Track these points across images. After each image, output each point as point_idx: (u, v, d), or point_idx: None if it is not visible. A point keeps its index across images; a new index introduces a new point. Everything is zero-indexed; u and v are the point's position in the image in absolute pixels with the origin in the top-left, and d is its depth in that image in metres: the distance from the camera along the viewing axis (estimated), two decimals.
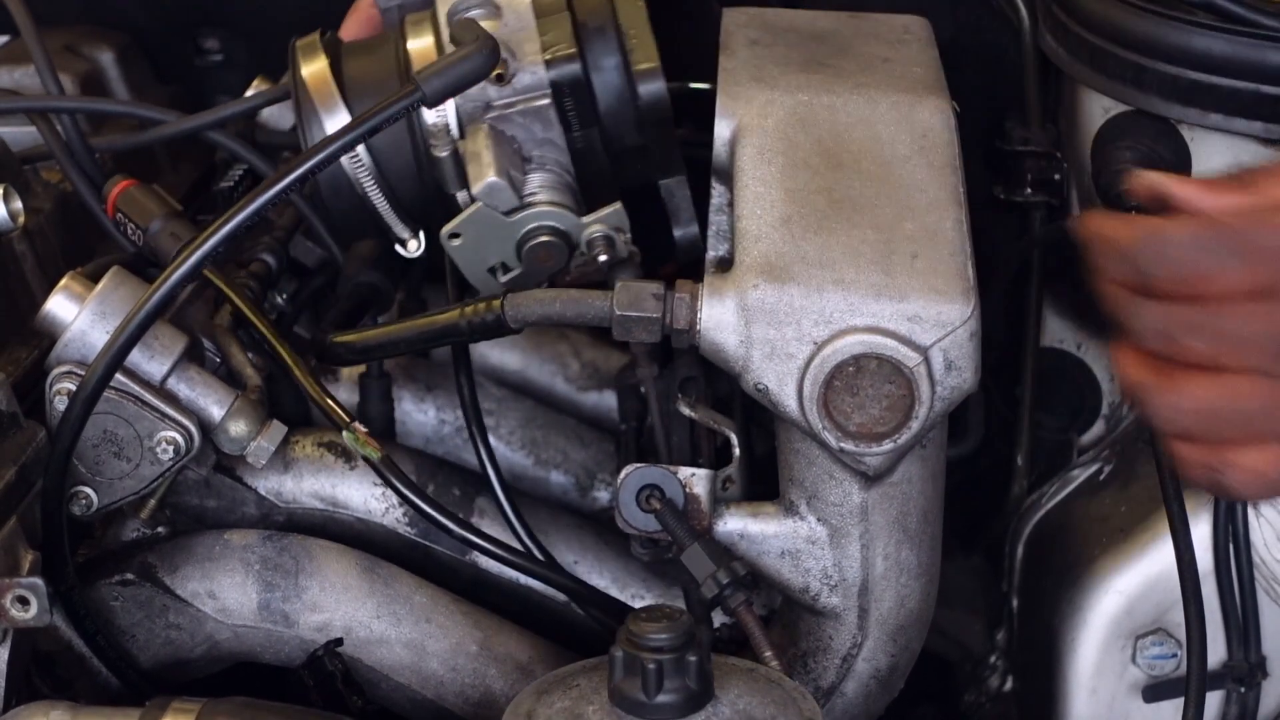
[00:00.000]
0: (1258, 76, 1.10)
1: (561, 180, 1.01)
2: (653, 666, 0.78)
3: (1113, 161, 1.19)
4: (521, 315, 0.95)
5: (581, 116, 0.98)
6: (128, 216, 1.09)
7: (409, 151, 1.03)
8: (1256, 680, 1.19)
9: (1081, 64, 1.21)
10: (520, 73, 0.97)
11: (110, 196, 1.10)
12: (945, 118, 1.02)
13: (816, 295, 0.90)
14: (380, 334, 1.01)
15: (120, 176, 1.12)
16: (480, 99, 0.98)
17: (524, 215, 0.99)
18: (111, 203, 1.10)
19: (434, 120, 1.00)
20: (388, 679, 1.02)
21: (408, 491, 1.00)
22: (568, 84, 0.97)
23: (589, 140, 1.00)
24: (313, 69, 1.06)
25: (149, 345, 0.97)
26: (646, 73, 0.97)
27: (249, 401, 1.00)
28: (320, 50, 1.08)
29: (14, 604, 0.86)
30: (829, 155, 0.98)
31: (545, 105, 0.98)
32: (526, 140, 0.99)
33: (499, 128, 0.98)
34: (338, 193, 1.04)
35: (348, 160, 1.03)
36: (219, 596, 1.01)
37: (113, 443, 0.96)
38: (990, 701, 1.41)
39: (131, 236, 1.10)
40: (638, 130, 1.00)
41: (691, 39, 1.25)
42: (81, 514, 0.97)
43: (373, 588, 1.02)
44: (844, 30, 1.13)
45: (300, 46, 1.08)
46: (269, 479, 1.11)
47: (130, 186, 1.10)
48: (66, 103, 1.18)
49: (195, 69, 1.55)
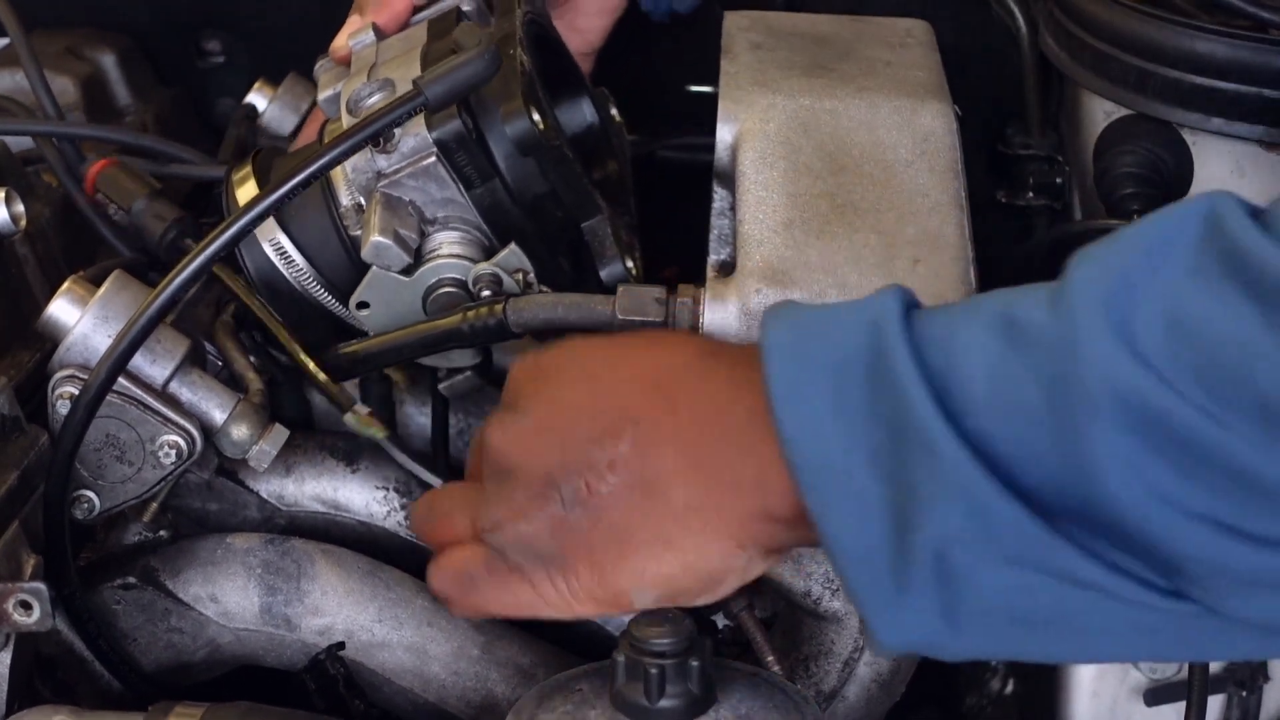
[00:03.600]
0: (1260, 81, 1.10)
1: (467, 236, 1.01)
2: (655, 671, 0.78)
3: (1115, 166, 1.19)
4: (524, 320, 0.95)
5: (480, 171, 0.99)
6: (109, 196, 1.09)
7: (336, 241, 1.03)
8: (1258, 684, 1.19)
9: (1083, 68, 1.21)
10: (405, 138, 0.97)
11: (89, 175, 1.10)
12: (947, 122, 1.02)
13: (819, 300, 0.90)
14: (382, 341, 1.01)
15: (96, 155, 1.12)
16: (370, 169, 0.99)
17: (422, 271, 1.00)
18: (91, 181, 1.10)
19: (346, 203, 1.01)
20: (390, 683, 1.02)
21: (418, 468, 1.02)
22: (453, 140, 0.97)
23: (493, 194, 1.00)
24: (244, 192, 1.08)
25: (151, 349, 0.97)
26: (509, 114, 0.98)
27: (251, 405, 1.00)
28: (251, 175, 1.09)
29: (16, 608, 0.86)
30: (831, 159, 0.98)
31: (433, 164, 0.98)
32: (426, 203, 1.00)
33: (392, 194, 0.99)
34: (277, 295, 1.05)
35: (281, 263, 1.04)
36: (221, 600, 1.01)
37: (115, 446, 0.96)
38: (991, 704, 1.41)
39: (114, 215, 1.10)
40: (543, 176, 1.00)
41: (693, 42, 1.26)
42: (83, 518, 0.97)
43: (375, 591, 1.02)
44: (846, 34, 1.13)
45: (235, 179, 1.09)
46: (271, 482, 1.11)
47: (109, 165, 1.10)
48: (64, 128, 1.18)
49: (197, 71, 1.55)
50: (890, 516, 0.72)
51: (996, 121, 1.38)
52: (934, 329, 0.72)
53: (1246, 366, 0.63)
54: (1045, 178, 1.35)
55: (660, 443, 0.81)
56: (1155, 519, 0.66)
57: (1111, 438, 0.66)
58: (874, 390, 0.72)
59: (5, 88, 1.31)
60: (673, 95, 1.47)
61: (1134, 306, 0.66)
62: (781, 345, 0.76)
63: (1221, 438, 0.64)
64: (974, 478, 0.69)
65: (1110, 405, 0.65)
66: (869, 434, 0.72)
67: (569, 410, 0.84)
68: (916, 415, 0.70)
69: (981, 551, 0.70)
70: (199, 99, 1.55)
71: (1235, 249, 0.65)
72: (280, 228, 1.04)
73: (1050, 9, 1.26)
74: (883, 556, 0.72)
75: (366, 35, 1.12)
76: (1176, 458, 0.65)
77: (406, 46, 1.08)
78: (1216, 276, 0.65)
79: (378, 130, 0.93)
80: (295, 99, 1.37)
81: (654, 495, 0.81)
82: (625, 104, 1.22)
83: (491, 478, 0.87)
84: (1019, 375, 0.68)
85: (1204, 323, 0.64)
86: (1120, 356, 0.65)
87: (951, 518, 0.70)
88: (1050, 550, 0.69)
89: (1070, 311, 0.67)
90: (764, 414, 0.76)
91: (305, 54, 1.22)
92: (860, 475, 0.72)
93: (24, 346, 1.01)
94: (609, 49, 1.30)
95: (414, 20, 1.15)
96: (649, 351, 0.85)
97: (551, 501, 0.82)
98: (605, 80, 1.25)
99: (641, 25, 1.32)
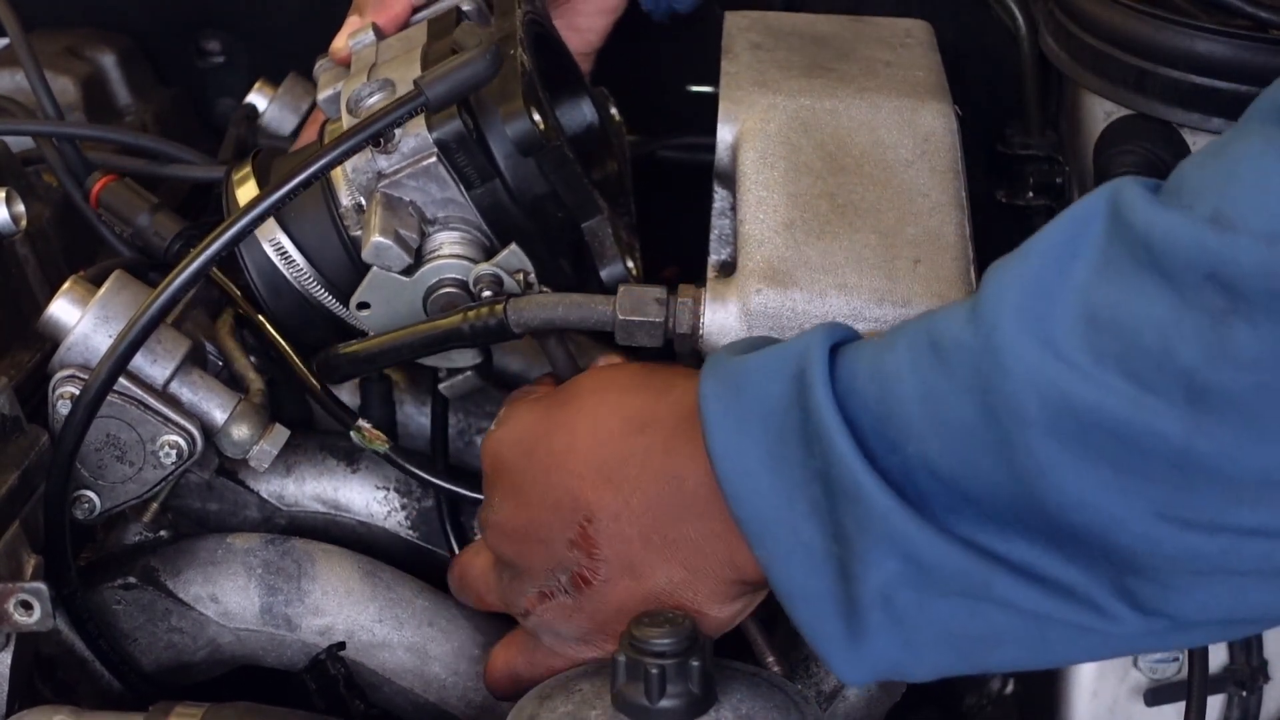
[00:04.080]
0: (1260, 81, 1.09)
1: (468, 236, 1.01)
2: (655, 671, 0.78)
3: (1115, 166, 1.19)
4: (524, 320, 0.95)
5: (480, 171, 0.99)
6: (113, 213, 1.10)
7: (336, 242, 1.03)
8: (1258, 684, 1.19)
9: (1083, 68, 1.21)
10: (405, 138, 0.97)
11: (93, 192, 1.11)
12: (947, 122, 1.02)
13: (819, 300, 0.90)
14: (382, 341, 1.01)
15: (100, 172, 1.12)
16: (370, 170, 0.99)
17: (423, 272, 0.99)
18: (95, 197, 1.10)
19: (346, 203, 1.01)
20: (390, 683, 1.02)
21: (424, 474, 1.04)
22: (453, 141, 0.97)
23: (494, 194, 1.00)
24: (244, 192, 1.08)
25: (152, 349, 0.97)
26: (509, 115, 0.98)
27: (251, 405, 1.00)
28: (251, 175, 1.08)
29: (17, 608, 0.86)
30: (831, 159, 0.98)
31: (433, 164, 0.98)
32: (426, 203, 1.00)
33: (392, 194, 0.99)
34: (279, 295, 1.04)
35: (282, 263, 1.04)
36: (221, 600, 1.01)
37: (115, 447, 0.96)
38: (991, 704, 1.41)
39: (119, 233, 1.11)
40: (543, 177, 1.00)
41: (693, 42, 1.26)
42: (84, 518, 0.97)
43: (375, 591, 1.02)
44: (846, 34, 1.13)
45: (235, 179, 1.09)
46: (271, 482, 1.11)
47: (112, 182, 1.10)
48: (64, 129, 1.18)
49: (197, 71, 1.55)
50: (834, 567, 0.74)
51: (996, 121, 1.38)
52: (861, 362, 0.73)
53: (1167, 347, 0.63)
54: (1045, 178, 1.34)
55: (624, 535, 0.85)
56: (1099, 518, 0.67)
57: (1046, 444, 0.66)
58: (805, 442, 0.74)
59: (5, 88, 1.31)
60: (673, 95, 1.47)
61: (1050, 310, 0.66)
62: (716, 398, 0.78)
63: (1151, 423, 0.64)
64: (903, 526, 0.71)
65: (1039, 411, 0.66)
66: (806, 485, 0.74)
67: (534, 509, 0.89)
68: (844, 467, 0.71)
69: (924, 589, 0.72)
70: (199, 99, 1.55)
71: (1140, 236, 0.65)
72: (280, 228, 1.04)
73: (1050, 9, 1.26)
74: (832, 605, 0.74)
75: (366, 35, 1.12)
76: (1111, 453, 0.65)
77: (406, 47, 1.08)
78: (1128, 266, 0.65)
79: (378, 130, 0.93)
80: (295, 99, 1.37)
81: (641, 577, 0.85)
82: (625, 104, 1.22)
83: (500, 563, 0.93)
84: (949, 394, 0.69)
85: (1120, 313, 0.65)
86: (1042, 360, 0.66)
87: (888, 564, 0.71)
88: (988, 583, 0.71)
89: (987, 324, 0.68)
90: (709, 486, 0.79)
91: (305, 54, 1.22)
92: (804, 527, 0.74)
93: (24, 346, 1.02)
94: (609, 49, 1.30)
95: (414, 20, 1.15)
96: (588, 427, 0.88)
97: (557, 593, 0.88)
98: (605, 80, 1.25)
99: (641, 25, 1.31)
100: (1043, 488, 0.67)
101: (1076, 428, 0.65)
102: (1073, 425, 0.65)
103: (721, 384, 0.78)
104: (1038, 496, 0.67)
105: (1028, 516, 0.69)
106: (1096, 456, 0.66)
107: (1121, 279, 0.65)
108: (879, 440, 0.72)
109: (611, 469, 0.85)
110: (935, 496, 0.71)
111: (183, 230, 1.09)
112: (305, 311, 1.05)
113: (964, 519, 0.71)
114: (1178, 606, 0.68)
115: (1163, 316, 0.63)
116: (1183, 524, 0.66)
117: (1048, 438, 0.66)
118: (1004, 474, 0.68)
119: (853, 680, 0.76)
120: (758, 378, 0.76)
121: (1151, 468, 0.65)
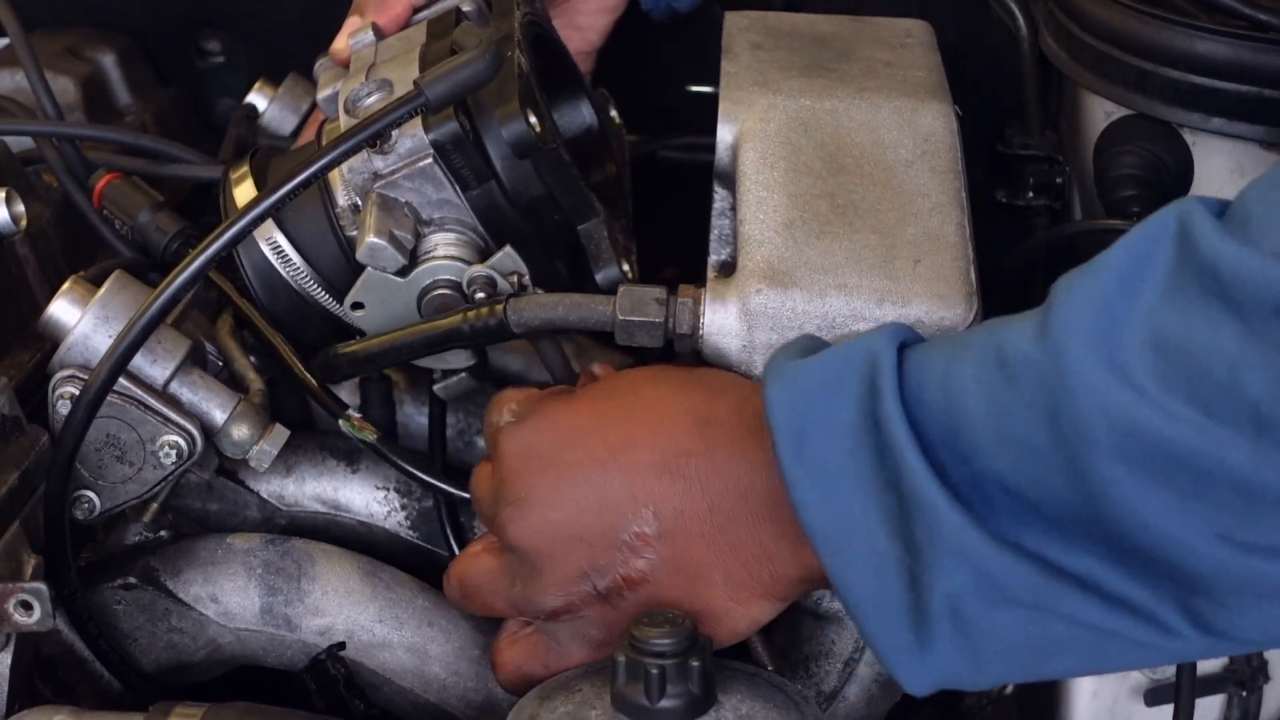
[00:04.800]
0: (1260, 80, 1.10)
1: (463, 237, 1.01)
2: (655, 671, 0.78)
3: (1115, 166, 1.19)
4: (524, 320, 0.95)
5: (476, 173, 0.99)
6: (114, 211, 1.10)
7: (333, 241, 1.03)
8: (1258, 684, 1.19)
9: (1083, 68, 1.21)
10: (401, 138, 0.97)
11: (96, 189, 1.11)
12: (948, 122, 1.02)
13: (819, 300, 0.90)
14: (382, 342, 1.01)
15: (104, 169, 1.12)
16: (366, 170, 0.99)
17: (417, 273, 0.99)
18: (98, 196, 1.11)
19: (342, 203, 1.01)
20: (390, 683, 1.02)
21: (411, 468, 1.02)
22: (449, 142, 0.97)
23: (490, 196, 1.00)
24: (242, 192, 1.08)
25: (152, 349, 0.97)
26: (505, 117, 0.98)
27: (251, 405, 1.00)
28: (249, 175, 1.09)
29: (17, 608, 0.86)
30: (831, 160, 0.98)
31: (429, 165, 0.98)
32: (422, 204, 1.00)
33: (388, 195, 0.99)
34: (275, 294, 1.05)
35: (279, 263, 1.04)
36: (221, 600, 1.01)
37: (115, 447, 0.96)
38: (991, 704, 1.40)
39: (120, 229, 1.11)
40: (540, 179, 1.00)
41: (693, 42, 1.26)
42: (84, 518, 0.97)
43: (375, 592, 1.02)
44: (846, 34, 1.13)
45: (232, 179, 1.09)
46: (271, 482, 1.11)
47: (116, 179, 1.11)
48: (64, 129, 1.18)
49: (197, 71, 1.55)
50: (904, 576, 0.74)
51: (996, 121, 1.38)
52: (929, 372, 0.74)
53: (1235, 379, 0.64)
54: (1045, 178, 1.34)
55: (686, 533, 0.84)
56: (1166, 541, 0.68)
57: (1113, 467, 0.67)
58: (878, 452, 0.74)
59: (5, 88, 1.31)
60: (673, 95, 1.47)
61: (1118, 334, 0.67)
62: (784, 407, 0.77)
63: (1218, 453, 0.65)
64: (973, 540, 0.72)
65: (1108, 436, 0.67)
66: (880, 495, 0.74)
67: (584, 505, 0.85)
68: (915, 480, 0.72)
69: (992, 601, 0.73)
70: (199, 99, 1.55)
71: (1208, 264, 0.65)
72: (278, 227, 1.04)
73: (1050, 9, 1.26)
74: (901, 614, 0.75)
75: (366, 35, 1.12)
76: (1177, 479, 0.66)
77: (405, 47, 1.08)
78: (1195, 295, 0.66)
79: (379, 130, 0.93)
80: (295, 99, 1.37)
81: (695, 579, 0.84)
82: (625, 104, 1.22)
83: (517, 564, 0.88)
84: (1018, 413, 0.70)
85: (1189, 342, 0.65)
86: (1111, 386, 0.67)
87: (958, 576, 0.72)
88: (1055, 596, 0.72)
89: (1056, 344, 0.69)
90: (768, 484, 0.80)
91: (305, 54, 1.22)
92: (876, 536, 0.75)
93: (24, 346, 1.01)
94: (609, 49, 1.30)
95: (414, 20, 1.15)
96: (648, 419, 0.86)
97: (590, 595, 0.85)
98: (605, 80, 1.25)
99: (641, 25, 1.31)
100: (1109, 508, 0.68)
101: (1143, 452, 0.66)
102: (1139, 450, 0.66)
103: (788, 392, 0.78)
104: (1104, 516, 0.69)
105: (1095, 533, 0.70)
106: (1163, 481, 0.67)
107: (1189, 306, 0.66)
108: (949, 453, 0.73)
109: (675, 463, 0.84)
110: (1004, 509, 0.72)
111: (182, 229, 1.09)
112: (302, 310, 1.05)
113: (1032, 532, 0.72)
114: (1240, 628, 0.70)
115: (1231, 348, 0.64)
116: (1247, 548, 0.67)
117: (1115, 461, 0.67)
118: (1071, 492, 0.69)
119: (917, 690, 0.76)
120: (826, 387, 0.76)
121: (1217, 493, 0.66)
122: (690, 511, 0.83)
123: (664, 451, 0.84)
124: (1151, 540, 0.68)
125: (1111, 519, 0.68)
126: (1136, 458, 0.67)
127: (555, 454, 0.86)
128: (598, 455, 0.85)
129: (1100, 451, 0.67)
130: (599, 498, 0.84)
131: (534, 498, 0.86)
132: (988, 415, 0.71)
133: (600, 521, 0.84)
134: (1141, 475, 0.67)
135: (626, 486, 0.84)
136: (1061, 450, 0.68)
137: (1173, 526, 0.67)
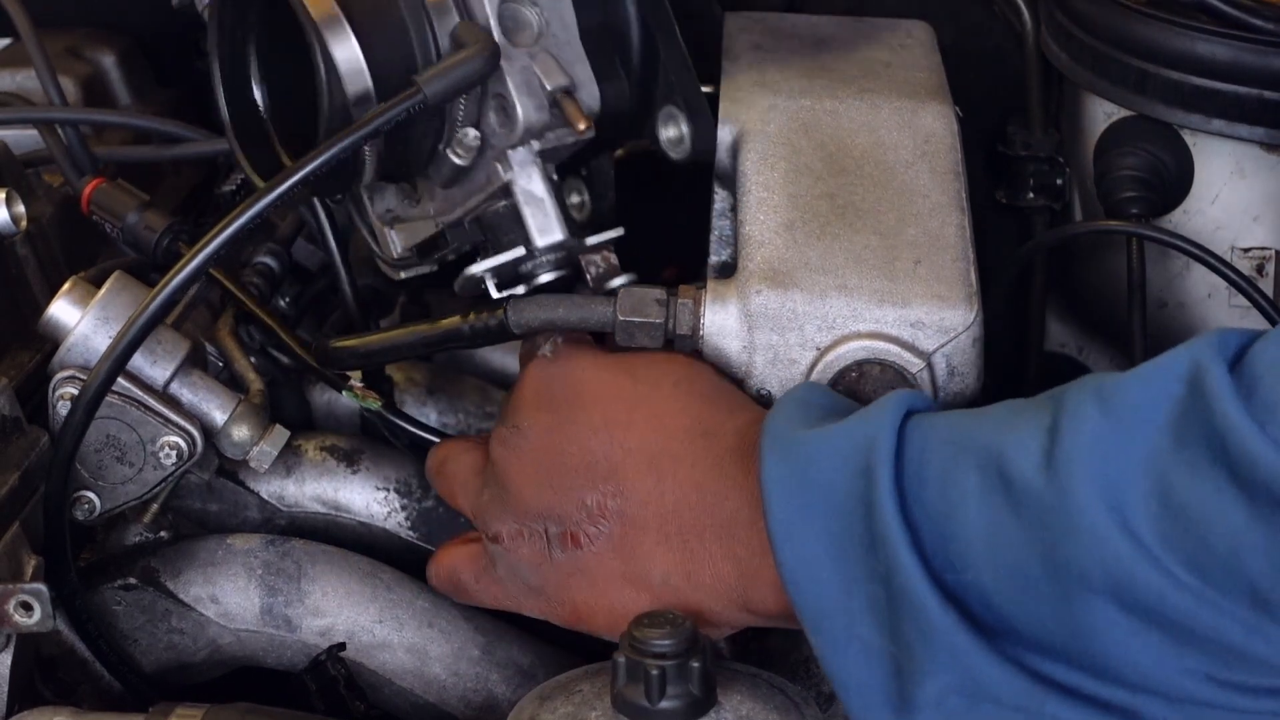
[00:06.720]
0: (1261, 82, 1.10)
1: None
2: (655, 672, 0.78)
3: (1115, 167, 1.19)
4: (524, 320, 0.95)
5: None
6: (103, 215, 1.10)
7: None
8: None
9: (1084, 69, 1.21)
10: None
11: (84, 196, 1.11)
12: (948, 122, 1.02)
13: (819, 301, 0.90)
14: (382, 339, 1.01)
15: (90, 175, 1.12)
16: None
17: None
18: (86, 201, 1.11)
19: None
20: (390, 683, 1.02)
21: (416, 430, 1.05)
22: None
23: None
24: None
25: (151, 350, 0.97)
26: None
27: (251, 406, 1.00)
28: None
29: (17, 609, 0.86)
30: (832, 160, 0.98)
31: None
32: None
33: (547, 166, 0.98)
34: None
35: None
36: (221, 601, 1.01)
37: (115, 447, 0.96)
38: None
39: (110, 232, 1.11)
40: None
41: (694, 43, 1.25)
42: (84, 519, 0.97)
43: (375, 592, 1.02)
44: (846, 35, 1.13)
45: None
46: (271, 483, 1.11)
47: (102, 184, 1.11)
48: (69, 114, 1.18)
49: (197, 71, 1.55)
50: (889, 664, 0.75)
51: (997, 122, 1.38)
52: (931, 468, 0.74)
53: (1236, 556, 0.65)
54: (1045, 178, 1.34)
55: (644, 523, 0.86)
56: (1151, 676, 0.69)
57: (1105, 609, 0.69)
58: (869, 541, 0.75)
59: (6, 88, 1.31)
60: None
61: (1124, 480, 0.68)
62: (780, 481, 0.78)
63: (1214, 620, 0.66)
64: (963, 645, 0.73)
65: (1103, 579, 0.68)
66: (867, 583, 0.75)
67: (565, 450, 0.89)
68: (906, 577, 0.73)
69: (978, 699, 0.74)
70: (199, 99, 1.55)
71: (1217, 432, 0.66)
72: None
73: (1050, 10, 1.26)
74: (884, 699, 0.76)
75: None
76: (1171, 632, 0.68)
77: None
78: (1203, 458, 0.66)
79: (377, 127, 0.93)
80: None
81: (632, 561, 0.86)
82: None
83: (492, 482, 0.92)
84: (1014, 537, 0.71)
85: (1193, 507, 0.66)
86: (1113, 536, 0.68)
87: (945, 676, 0.73)
88: (1040, 701, 0.73)
89: (1062, 482, 0.69)
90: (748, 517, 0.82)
91: None
92: (862, 623, 0.76)
93: (24, 347, 1.01)
94: None
95: None
96: (653, 412, 0.88)
97: (538, 538, 0.89)
98: None
99: None
100: (1097, 644, 0.70)
101: (1138, 602, 0.68)
102: (1134, 600, 0.68)
103: (786, 464, 0.78)
104: (1092, 650, 0.70)
105: (1080, 662, 0.71)
106: (1155, 629, 0.68)
107: (1196, 469, 0.66)
108: (940, 557, 0.73)
109: (661, 460, 0.86)
110: (986, 622, 0.73)
111: (170, 225, 1.08)
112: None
113: (1013, 644, 0.73)
114: None
115: (1234, 524, 0.65)
116: (1236, 688, 0.69)
117: (1108, 604, 0.68)
118: (1058, 624, 0.71)
119: None
120: (823, 464, 0.77)
121: (1209, 650, 0.68)
122: (654, 505, 0.86)
123: (651, 445, 0.87)
124: (1139, 675, 0.70)
125: (1099, 654, 0.70)
126: (1131, 605, 0.68)
127: (562, 404, 0.91)
128: (594, 422, 0.89)
129: (1094, 592, 0.69)
130: (582, 459, 0.88)
131: (530, 432, 0.91)
132: (984, 533, 0.72)
133: (575, 479, 0.88)
134: (1135, 620, 0.68)
135: (606, 460, 0.88)
136: (1055, 584, 0.70)
137: (1162, 667, 0.69)
